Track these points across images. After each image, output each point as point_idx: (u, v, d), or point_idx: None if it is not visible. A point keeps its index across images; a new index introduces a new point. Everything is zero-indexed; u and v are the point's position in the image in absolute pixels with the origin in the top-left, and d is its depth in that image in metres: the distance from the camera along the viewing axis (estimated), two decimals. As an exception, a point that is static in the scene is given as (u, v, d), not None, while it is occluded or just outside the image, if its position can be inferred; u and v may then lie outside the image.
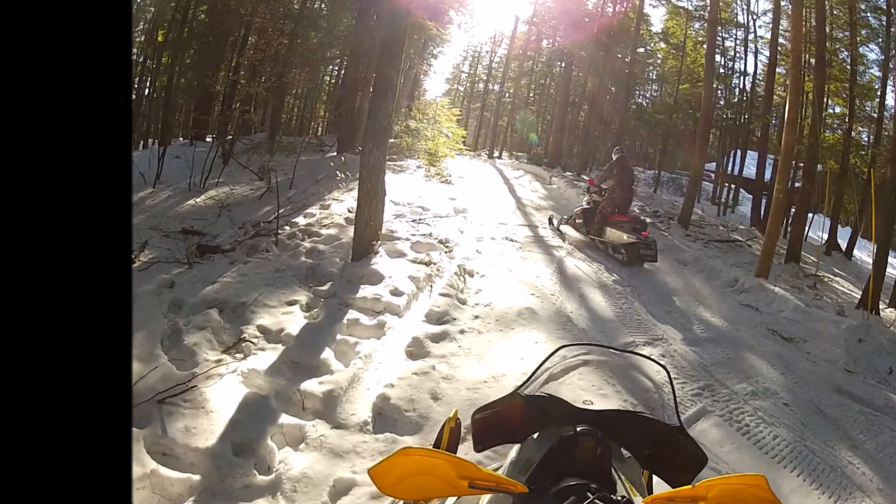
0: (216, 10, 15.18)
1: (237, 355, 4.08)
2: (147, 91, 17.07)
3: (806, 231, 13.84)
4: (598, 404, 1.42)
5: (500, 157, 26.11)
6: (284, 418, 3.41)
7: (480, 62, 39.17)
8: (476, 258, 6.93)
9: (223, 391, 3.50)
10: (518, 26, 29.17)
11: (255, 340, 4.33)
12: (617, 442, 1.34)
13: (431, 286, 5.75)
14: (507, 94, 32.20)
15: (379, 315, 4.88)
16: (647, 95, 28.57)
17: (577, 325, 5.31)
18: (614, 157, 9.23)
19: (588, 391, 3.57)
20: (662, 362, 1.79)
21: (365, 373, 4.01)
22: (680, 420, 1.39)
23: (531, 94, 31.91)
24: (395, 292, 5.26)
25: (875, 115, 16.62)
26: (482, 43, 37.95)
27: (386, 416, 3.62)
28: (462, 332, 4.79)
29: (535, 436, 1.34)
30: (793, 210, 14.28)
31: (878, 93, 16.65)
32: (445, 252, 6.83)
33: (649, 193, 19.21)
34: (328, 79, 22.70)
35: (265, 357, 4.10)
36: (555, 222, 9.91)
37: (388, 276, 5.52)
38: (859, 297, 9.58)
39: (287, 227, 7.19)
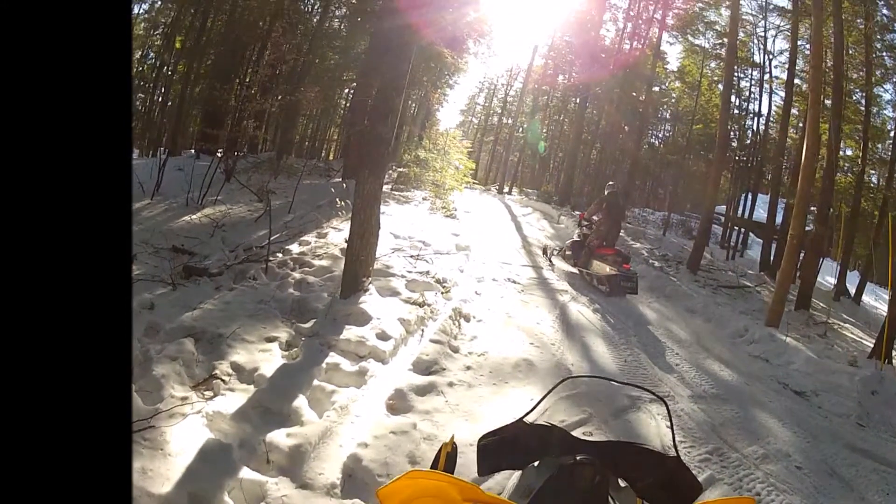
0: (233, 21, 15.12)
1: (206, 392, 3.81)
2: (160, 98, 17.04)
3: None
4: None
5: (510, 192, 25.88)
6: (245, 472, 3.07)
7: (496, 95, 39.30)
8: (474, 300, 6.59)
9: (185, 433, 3.20)
10: (535, 59, 29.16)
11: (226, 378, 4.03)
12: (614, 471, 1.36)
13: (423, 330, 5.36)
14: (521, 129, 32.15)
15: (362, 360, 4.49)
16: (660, 135, 28.49)
17: (577, 381, 4.91)
18: (606, 192, 9.56)
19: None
20: (661, 396, 1.83)
21: (339, 426, 3.62)
22: (677, 450, 1.40)
23: (545, 130, 31.81)
24: (382, 336, 4.85)
25: (888, 157, 16.43)
26: (498, 75, 38.10)
27: (356, 480, 3.24)
28: (451, 384, 4.40)
29: (536, 463, 1.37)
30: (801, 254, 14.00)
31: (892, 134, 16.54)
32: (442, 292, 6.45)
33: (658, 236, 18.85)
34: (343, 102, 22.58)
35: (234, 399, 3.77)
36: (548, 253, 10.26)
37: (376, 317, 5.11)
38: (871, 345, 9.24)
39: (279, 255, 6.88)
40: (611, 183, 10.11)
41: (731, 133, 19.11)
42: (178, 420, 3.30)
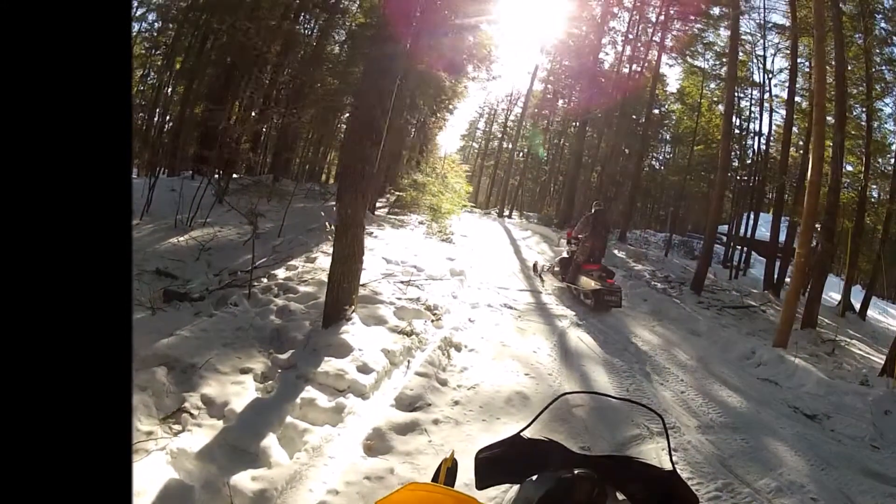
0: (230, 44, 15.00)
1: (173, 427, 3.58)
2: (159, 118, 16.97)
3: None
4: None
5: (510, 216, 25.69)
6: (206, 517, 2.76)
7: (496, 120, 39.64)
8: (467, 329, 6.25)
9: (147, 471, 2.96)
10: (534, 84, 29.13)
11: (195, 412, 3.77)
12: (613, 485, 1.32)
13: (409, 362, 4.99)
14: (521, 154, 32.13)
15: (340, 395, 4.12)
16: (661, 157, 28.41)
17: (576, 415, 4.54)
18: (592, 210, 9.95)
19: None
20: (658, 411, 2.13)
21: (310, 469, 3.27)
22: (673, 464, 1.35)
23: (546, 155, 31.80)
24: (364, 369, 4.45)
25: (887, 171, 16.43)
26: (499, 100, 38.53)
27: (324, 532, 2.91)
28: (436, 422, 4.03)
29: (535, 477, 1.29)
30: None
31: (894, 148, 16.54)
32: (433, 321, 6.09)
33: (660, 257, 18.56)
34: (343, 126, 22.50)
35: (201, 435, 3.49)
36: (538, 270, 10.75)
37: (357, 349, 4.69)
38: (881, 362, 8.91)
39: (265, 280, 6.58)
40: (596, 201, 10.43)
41: (733, 153, 18.92)
42: (141, 456, 3.12)
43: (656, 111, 24.94)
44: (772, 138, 20.64)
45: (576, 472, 1.19)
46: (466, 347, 5.63)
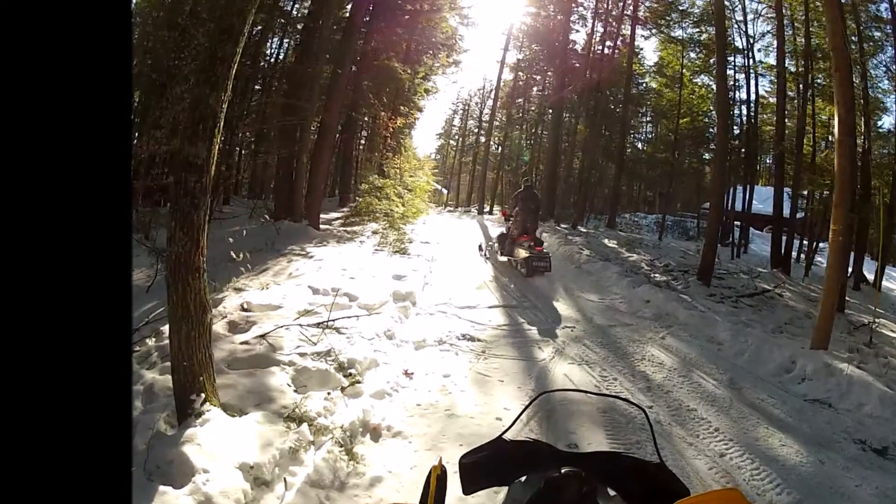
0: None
1: None
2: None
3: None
4: None
5: (490, 212, 24.22)
6: None
7: (471, 115, 39.08)
8: (398, 392, 4.45)
9: None
10: (505, 73, 27.73)
11: None
12: (602, 481, 1.30)
13: (286, 479, 3.07)
14: (497, 146, 30.95)
15: None
16: (643, 137, 27.17)
17: None
18: (521, 188, 10.94)
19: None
20: (641, 405, 1.62)
21: None
22: (660, 457, 1.33)
23: (524, 143, 30.61)
24: None
25: (884, 132, 16.08)
26: (472, 95, 37.86)
27: None
28: None
29: (523, 479, 1.32)
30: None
31: (890, 107, 16.16)
32: (345, 386, 4.20)
33: (655, 242, 17.03)
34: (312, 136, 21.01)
35: None
36: (482, 249, 11.96)
37: (202, 470, 2.81)
38: None
39: (150, 340, 4.88)
40: (525, 178, 11.71)
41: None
42: None
43: (634, 89, 23.59)
44: (759, 107, 19.46)
45: (564, 470, 1.21)
46: (390, 431, 3.80)
